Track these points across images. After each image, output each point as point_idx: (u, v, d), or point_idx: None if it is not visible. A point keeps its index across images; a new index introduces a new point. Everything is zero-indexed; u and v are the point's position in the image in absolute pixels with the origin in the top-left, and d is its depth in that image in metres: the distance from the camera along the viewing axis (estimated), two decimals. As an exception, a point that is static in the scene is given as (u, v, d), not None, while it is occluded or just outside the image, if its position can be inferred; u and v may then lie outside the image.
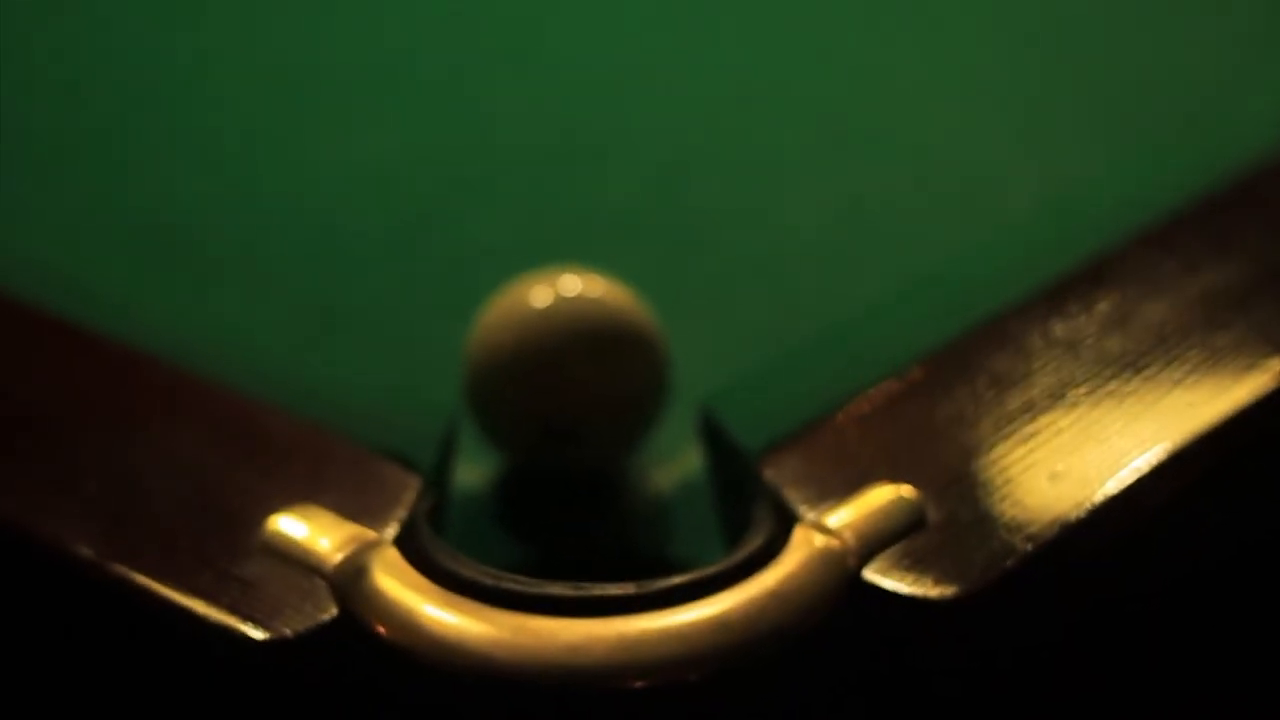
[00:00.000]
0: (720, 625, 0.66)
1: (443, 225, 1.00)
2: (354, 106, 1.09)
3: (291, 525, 0.70)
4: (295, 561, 0.68)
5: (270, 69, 1.11)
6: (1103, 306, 0.79)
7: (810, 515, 0.70)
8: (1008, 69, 1.11)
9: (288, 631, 0.66)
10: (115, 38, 1.14)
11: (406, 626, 0.66)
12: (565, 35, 1.15)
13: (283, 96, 1.09)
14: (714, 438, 0.78)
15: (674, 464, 0.83)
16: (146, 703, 0.70)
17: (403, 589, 0.67)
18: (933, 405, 0.75)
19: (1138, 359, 0.77)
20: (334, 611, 0.67)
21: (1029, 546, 0.70)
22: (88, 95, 1.09)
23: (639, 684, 0.65)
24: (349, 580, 0.67)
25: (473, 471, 0.82)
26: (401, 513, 0.71)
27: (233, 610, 0.67)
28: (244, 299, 0.93)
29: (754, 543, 0.69)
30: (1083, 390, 0.76)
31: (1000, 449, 0.73)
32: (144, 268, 0.94)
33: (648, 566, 0.77)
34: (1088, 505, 0.71)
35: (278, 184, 1.02)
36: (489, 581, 0.67)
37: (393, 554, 0.68)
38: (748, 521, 0.72)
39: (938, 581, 0.68)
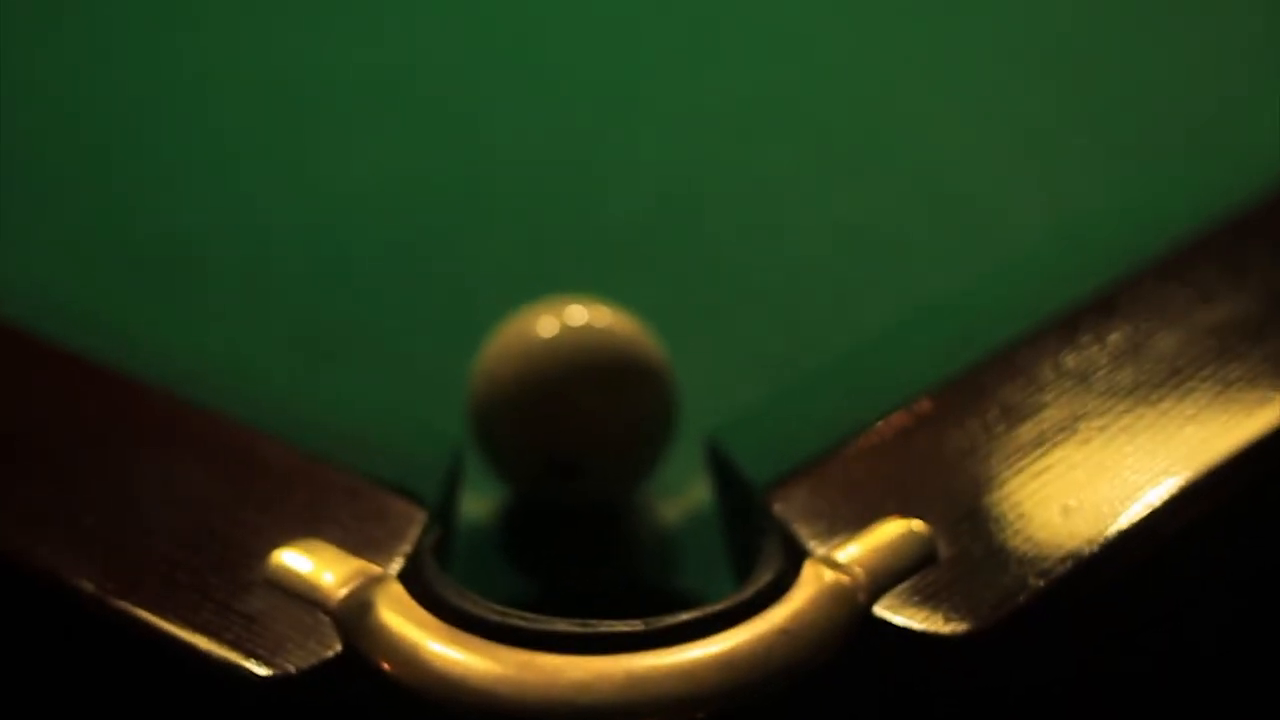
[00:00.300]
0: (729, 663, 0.65)
1: (446, 248, 0.99)
2: (356, 128, 1.08)
3: (294, 559, 0.69)
4: (298, 596, 0.68)
5: (272, 90, 1.11)
6: (1115, 337, 0.79)
7: (820, 550, 0.69)
8: (1016, 93, 1.10)
9: (291, 668, 0.65)
10: (115, 59, 1.13)
11: (412, 663, 0.65)
12: (570, 58, 1.14)
13: (284, 118, 1.09)
14: (721, 470, 0.77)
15: (681, 496, 0.82)
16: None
17: (408, 625, 0.66)
18: (943, 437, 0.74)
19: (1151, 391, 0.76)
20: (338, 648, 0.66)
21: (1042, 581, 0.69)
22: (87, 117, 1.08)
23: (646, 722, 0.64)
24: (353, 616, 0.67)
25: (478, 503, 0.81)
26: (406, 546, 0.70)
27: (235, 646, 0.66)
28: (245, 324, 0.92)
29: (763, 578, 0.68)
30: (1095, 423, 0.75)
31: (1012, 482, 0.72)
32: (143, 292, 0.93)
33: (655, 600, 0.77)
34: (1101, 539, 0.70)
35: (279, 207, 1.02)
36: (495, 618, 0.66)
37: (397, 589, 0.67)
38: (756, 555, 0.71)
39: (949, 618, 0.67)
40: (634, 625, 0.66)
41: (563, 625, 0.66)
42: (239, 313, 0.93)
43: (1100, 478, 0.73)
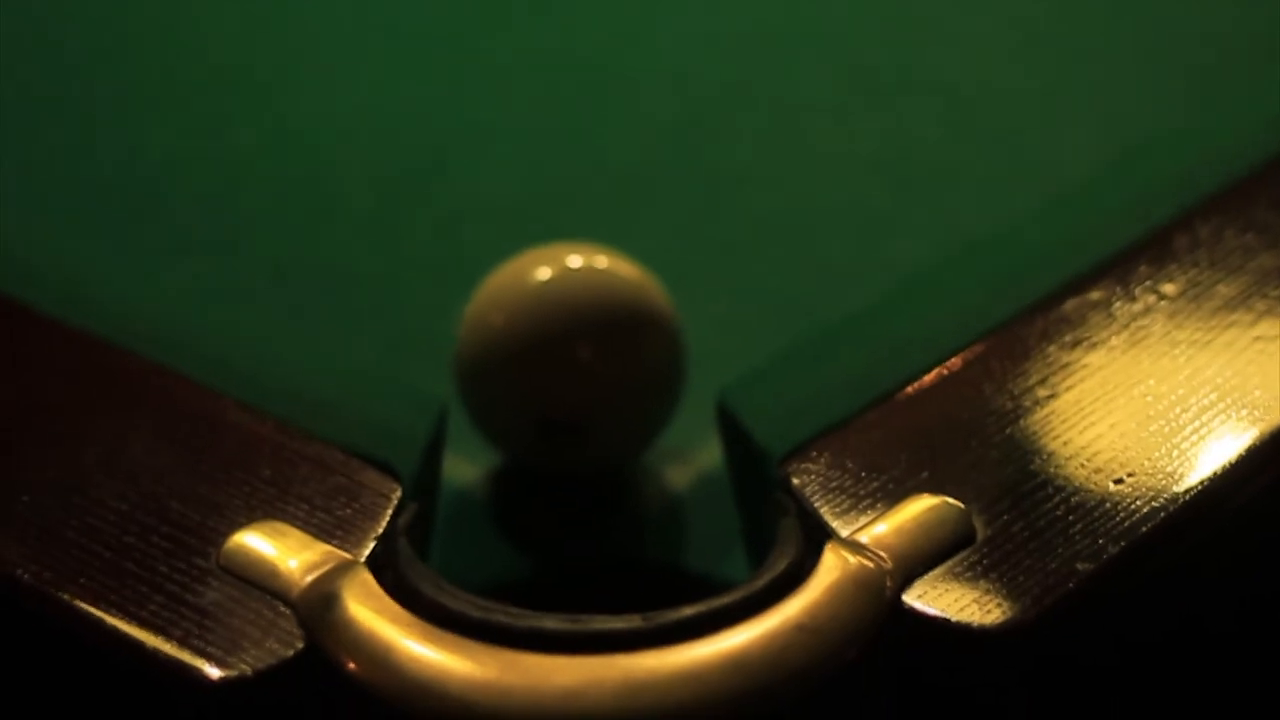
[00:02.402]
0: (739, 664, 0.59)
1: (435, 186, 0.93)
2: (339, 51, 1.02)
3: (254, 543, 0.63)
4: (258, 586, 0.62)
5: (245, 7, 1.05)
6: (1171, 285, 0.72)
7: (842, 531, 0.63)
8: (1063, 11, 1.04)
9: (247, 669, 0.60)
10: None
11: (381, 664, 0.59)
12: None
13: (258, 38, 1.03)
14: (733, 434, 0.71)
15: (690, 459, 0.77)
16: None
17: (377, 620, 0.60)
18: (979, 400, 0.68)
19: (1211, 345, 0.70)
20: (300, 645, 0.60)
21: (1093, 564, 0.62)
22: (44, 29, 1.02)
23: (646, 731, 0.58)
24: (317, 609, 0.61)
25: (464, 469, 0.76)
26: (378, 527, 0.64)
27: (185, 644, 0.60)
28: (209, 269, 0.86)
29: (777, 565, 0.62)
30: (1151, 383, 0.68)
31: (1058, 452, 0.66)
32: (98, 234, 0.87)
33: (659, 582, 0.73)
34: (1159, 515, 0.64)
35: (251, 138, 0.95)
36: (475, 613, 0.60)
37: (367, 579, 0.61)
38: (771, 533, 0.64)
39: (988, 607, 0.61)
40: (632, 621, 0.59)
41: (551, 622, 0.60)
42: (203, 256, 0.87)
43: (1157, 446, 0.66)
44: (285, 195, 0.92)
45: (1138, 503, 0.64)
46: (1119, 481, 0.65)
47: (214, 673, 0.59)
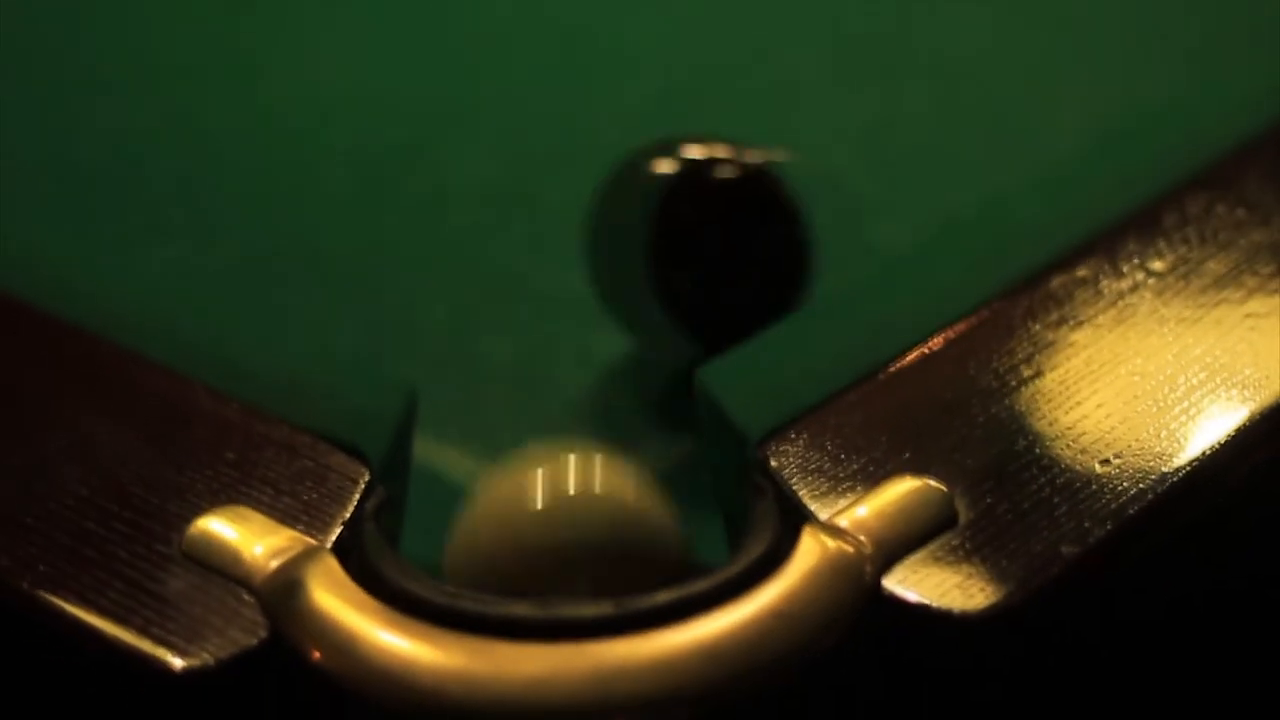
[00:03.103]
0: (714, 652, 0.57)
1: (415, 166, 0.91)
2: (315, 30, 1.00)
3: (217, 528, 0.61)
4: (220, 573, 0.60)
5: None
6: (1159, 262, 0.71)
7: (821, 514, 0.61)
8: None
9: (209, 658, 0.58)
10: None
11: (346, 652, 0.57)
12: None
13: (232, 20, 1.00)
14: (710, 415, 0.68)
15: (666, 439, 0.75)
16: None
17: (342, 607, 0.58)
18: (963, 379, 0.66)
19: (1201, 323, 0.68)
20: (263, 634, 0.58)
21: (1079, 547, 0.61)
22: (7, 19, 1.00)
23: (618, 721, 0.56)
24: (281, 596, 0.59)
25: (436, 453, 0.73)
26: (345, 512, 0.62)
27: (145, 632, 0.59)
28: (178, 247, 0.84)
29: (754, 549, 0.60)
30: (1139, 361, 0.67)
31: (1044, 430, 0.64)
32: (69, 218, 0.85)
33: None
34: (1150, 495, 0.62)
35: (224, 117, 0.93)
36: (442, 599, 0.58)
37: (332, 565, 0.60)
38: (748, 517, 0.63)
39: (971, 592, 0.59)
40: (603, 607, 0.58)
41: (520, 608, 0.58)
42: (172, 234, 0.86)
43: (1145, 425, 0.64)
44: (261, 178, 0.90)
45: (1125, 484, 0.63)
46: (1106, 462, 0.63)
47: (175, 662, 0.58)
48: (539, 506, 0.64)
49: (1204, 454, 0.64)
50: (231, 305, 0.80)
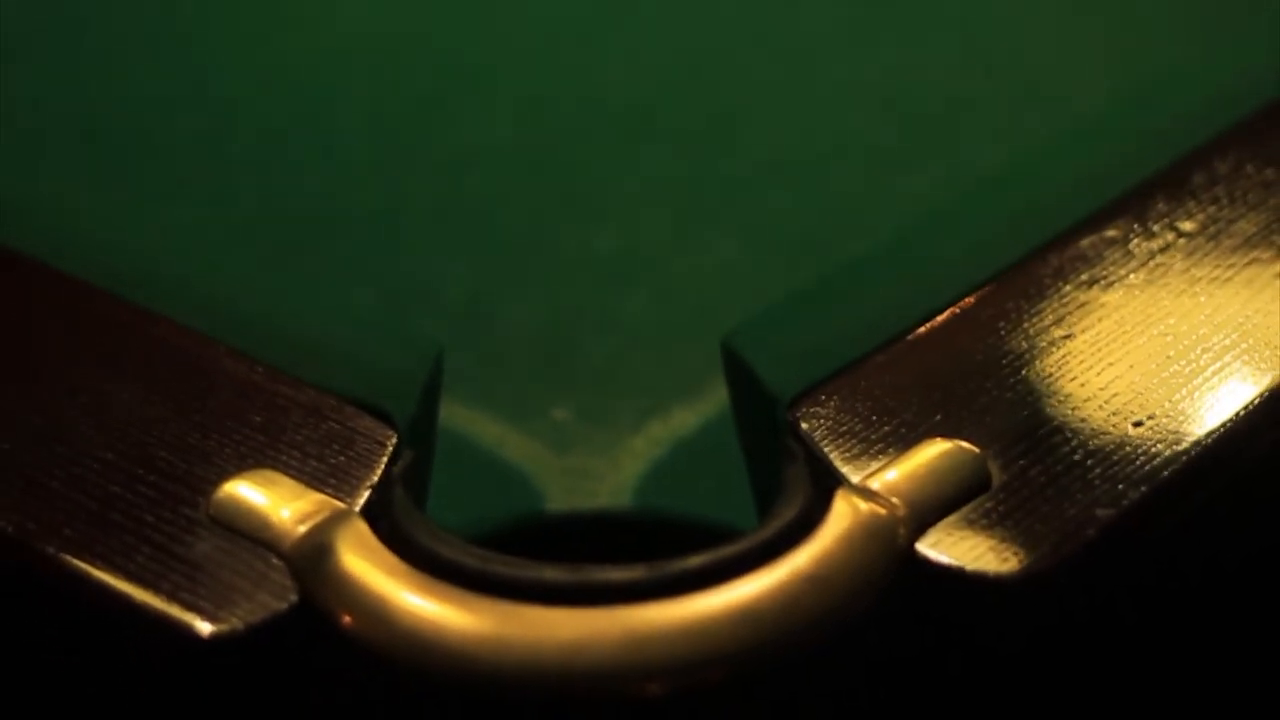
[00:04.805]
0: (747, 616, 0.56)
1: (433, 123, 0.90)
2: None
3: (245, 492, 0.61)
4: (249, 537, 0.59)
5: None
6: (1189, 222, 0.70)
7: (853, 477, 0.61)
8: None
9: (238, 623, 0.57)
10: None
11: (377, 617, 0.57)
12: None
13: None
14: (739, 378, 0.68)
15: (694, 405, 0.74)
16: (70, 706, 0.61)
17: (373, 572, 0.58)
18: (994, 341, 0.66)
19: (1232, 283, 0.68)
20: (293, 599, 0.58)
21: (1113, 510, 0.60)
22: None
23: (650, 687, 0.56)
24: (311, 560, 0.58)
25: (462, 415, 0.73)
26: (374, 476, 0.62)
27: (174, 597, 0.58)
28: (198, 208, 0.84)
29: (786, 512, 0.59)
30: (1172, 320, 0.66)
31: (1076, 392, 0.64)
32: (86, 179, 0.84)
33: (664, 528, 0.71)
34: (1184, 457, 0.62)
35: (238, 76, 0.92)
36: (473, 563, 0.58)
37: (362, 529, 0.59)
38: (779, 481, 0.62)
39: (1004, 555, 0.59)
40: (635, 571, 0.57)
41: (552, 572, 0.57)
42: (191, 195, 0.85)
43: (1178, 387, 0.64)
44: (278, 137, 0.89)
45: (1159, 446, 0.62)
46: (1139, 424, 0.63)
47: (205, 627, 0.57)
48: None
49: (1237, 415, 0.63)
50: (248, 266, 0.80)
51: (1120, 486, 0.61)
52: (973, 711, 0.61)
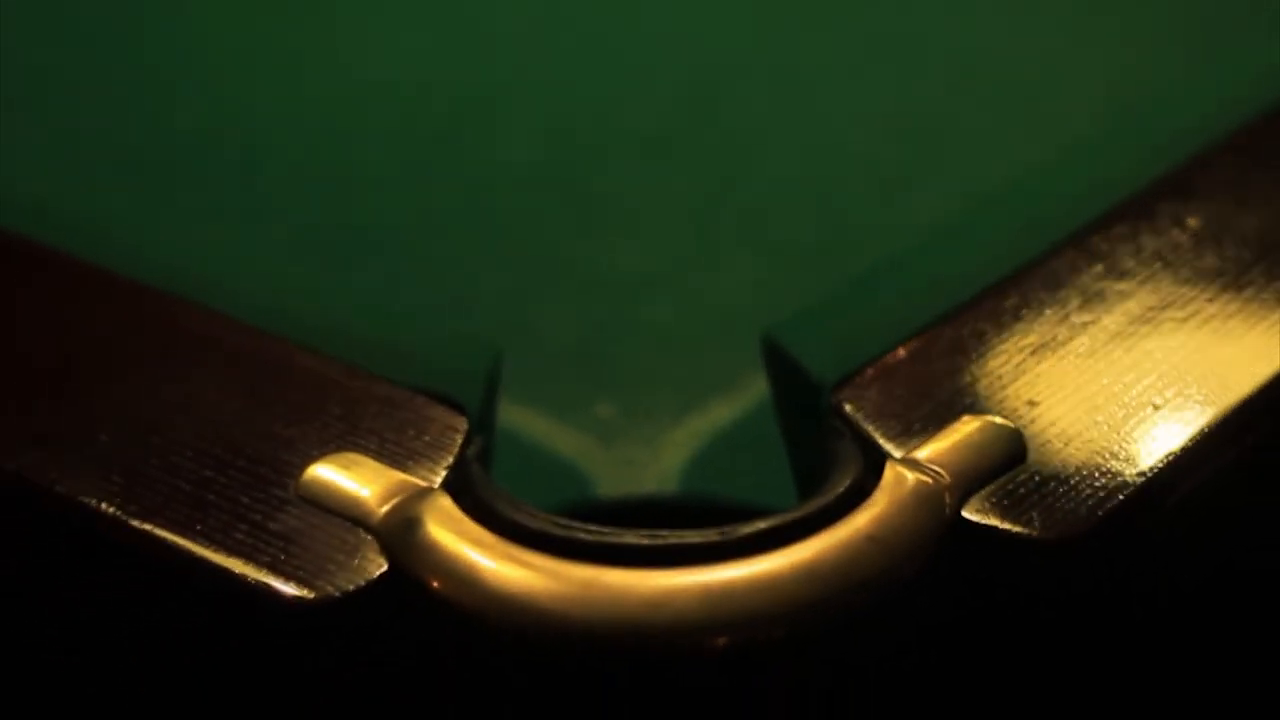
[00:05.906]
0: (813, 573, 0.60)
1: (463, 143, 0.93)
2: (364, 14, 1.02)
3: (331, 474, 0.64)
4: (338, 513, 0.62)
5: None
6: (1194, 220, 0.74)
7: (896, 454, 0.64)
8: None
9: (334, 590, 0.60)
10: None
11: (466, 582, 0.60)
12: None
13: (274, 14, 1.02)
14: (781, 368, 0.72)
15: (730, 398, 0.77)
16: (181, 670, 0.64)
17: (460, 541, 0.61)
18: (1018, 330, 0.70)
19: (1237, 275, 0.72)
20: (384, 567, 0.61)
21: (1139, 480, 0.64)
22: (75, 14, 1.01)
23: (724, 640, 0.59)
24: (398, 533, 0.61)
25: (519, 416, 0.76)
26: (449, 457, 0.64)
27: (273, 569, 0.61)
28: (240, 238, 0.86)
29: (841, 483, 0.63)
30: (1180, 311, 0.70)
31: (1097, 376, 0.68)
32: (142, 197, 0.87)
33: (710, 510, 0.73)
34: (1195, 435, 0.66)
35: (278, 106, 0.95)
36: (557, 531, 0.61)
37: (446, 502, 0.62)
38: (820, 460, 0.66)
39: (1043, 521, 0.62)
40: (709, 535, 0.61)
41: (631, 537, 0.61)
42: (233, 223, 0.87)
43: (1190, 367, 0.68)
44: (309, 164, 0.92)
45: (1187, 414, 0.66)
46: (1162, 400, 0.66)
47: (302, 594, 0.60)
48: None
49: (1243, 396, 0.67)
50: (288, 283, 0.83)
51: (1144, 459, 0.64)
52: (1016, 671, 0.65)
